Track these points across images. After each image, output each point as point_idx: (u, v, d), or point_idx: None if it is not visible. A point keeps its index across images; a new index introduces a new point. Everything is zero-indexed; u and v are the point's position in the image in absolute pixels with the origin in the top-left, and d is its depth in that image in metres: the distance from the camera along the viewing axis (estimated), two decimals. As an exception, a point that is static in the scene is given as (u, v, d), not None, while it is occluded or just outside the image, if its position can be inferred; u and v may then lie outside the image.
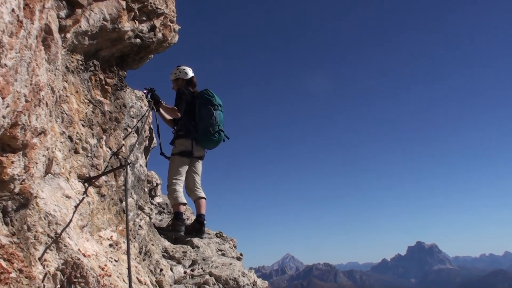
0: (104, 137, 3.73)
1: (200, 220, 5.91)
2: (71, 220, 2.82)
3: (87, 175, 3.32)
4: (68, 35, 3.16)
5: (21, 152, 2.06)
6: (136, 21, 4.16)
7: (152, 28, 4.49)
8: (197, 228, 5.89)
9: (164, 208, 7.17)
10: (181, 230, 5.68)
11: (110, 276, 2.91)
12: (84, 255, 2.81)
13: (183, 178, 5.91)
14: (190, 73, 6.29)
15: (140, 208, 4.52)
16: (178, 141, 5.97)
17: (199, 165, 6.17)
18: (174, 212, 5.84)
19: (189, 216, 7.15)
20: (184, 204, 5.92)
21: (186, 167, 5.94)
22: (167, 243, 5.46)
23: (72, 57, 3.43)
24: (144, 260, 4.31)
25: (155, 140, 5.77)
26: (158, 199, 7.41)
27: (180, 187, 5.82)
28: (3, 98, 1.78)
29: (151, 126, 5.43)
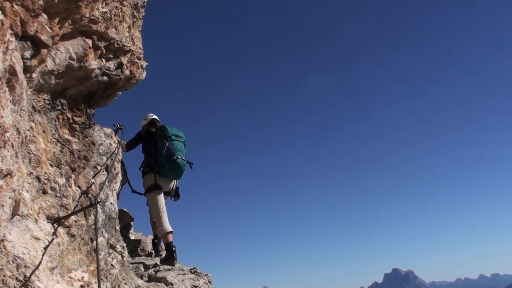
0: (73, 176, 3.68)
1: (169, 248, 6.26)
2: (40, 262, 2.76)
3: (56, 216, 3.26)
4: (34, 75, 3.15)
5: (-14, 195, 2.02)
6: (103, 58, 4.18)
7: (119, 66, 4.51)
8: (168, 256, 6.26)
9: (136, 246, 7.05)
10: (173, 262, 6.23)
11: (82, 318, 2.84)
12: (55, 298, 2.74)
13: (162, 210, 6.29)
14: (149, 117, 6.87)
15: (112, 246, 4.44)
16: (144, 178, 6.43)
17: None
18: (164, 244, 6.33)
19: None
20: (171, 232, 6.25)
21: (161, 199, 6.34)
22: (140, 282, 5.35)
23: (38, 97, 3.41)
24: (117, 300, 4.21)
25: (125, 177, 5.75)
26: (130, 237, 7.29)
27: (162, 219, 6.23)
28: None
29: (121, 163, 5.40)
